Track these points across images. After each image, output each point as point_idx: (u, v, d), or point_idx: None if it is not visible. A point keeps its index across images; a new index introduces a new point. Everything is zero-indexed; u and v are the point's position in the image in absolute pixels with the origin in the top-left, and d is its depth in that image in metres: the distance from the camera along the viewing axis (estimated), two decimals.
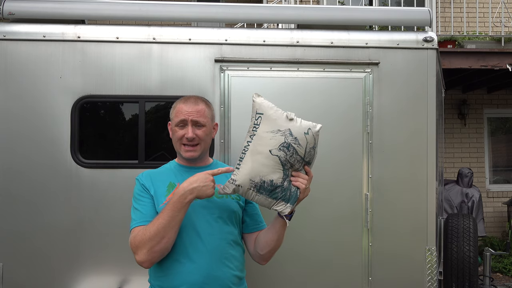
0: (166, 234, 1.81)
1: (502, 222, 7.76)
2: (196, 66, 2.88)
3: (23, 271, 2.75)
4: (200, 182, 1.84)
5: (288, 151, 1.85)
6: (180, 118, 2.01)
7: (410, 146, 2.95)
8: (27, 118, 2.78)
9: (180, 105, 2.05)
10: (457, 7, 7.54)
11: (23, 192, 2.76)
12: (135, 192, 2.01)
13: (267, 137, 1.86)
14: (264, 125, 1.88)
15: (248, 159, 1.87)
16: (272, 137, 1.86)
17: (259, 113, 1.91)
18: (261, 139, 1.87)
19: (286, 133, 1.86)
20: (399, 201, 2.93)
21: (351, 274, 2.89)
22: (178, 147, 2.04)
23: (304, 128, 1.89)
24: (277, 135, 1.86)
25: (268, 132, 1.87)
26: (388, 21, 3.36)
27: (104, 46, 2.85)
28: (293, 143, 1.85)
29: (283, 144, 1.85)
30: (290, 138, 1.86)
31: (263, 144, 1.86)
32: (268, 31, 3.04)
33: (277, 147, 1.85)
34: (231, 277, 1.96)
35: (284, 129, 1.87)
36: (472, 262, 3.45)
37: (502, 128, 8.28)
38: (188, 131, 2.00)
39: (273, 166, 1.85)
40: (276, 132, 1.86)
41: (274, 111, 1.91)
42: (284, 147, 1.85)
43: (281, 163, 1.86)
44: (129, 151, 2.88)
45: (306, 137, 1.88)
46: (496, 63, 6.07)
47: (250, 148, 1.88)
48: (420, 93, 2.97)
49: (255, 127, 1.89)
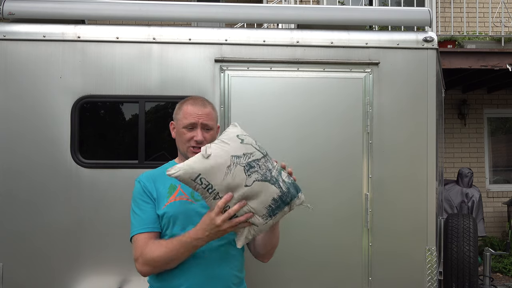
0: (172, 262, 1.83)
1: (502, 222, 7.75)
2: (196, 66, 2.88)
3: (23, 271, 2.75)
4: (211, 230, 1.77)
5: (254, 168, 1.76)
6: (190, 121, 1.98)
7: (410, 146, 2.95)
8: (27, 118, 2.78)
9: (188, 107, 2.00)
10: (457, 7, 7.54)
11: (23, 192, 2.76)
12: (136, 195, 1.97)
13: (232, 181, 1.73)
14: (215, 179, 1.73)
15: (246, 208, 1.77)
16: (233, 176, 1.73)
17: (200, 179, 1.74)
18: (231, 188, 1.74)
19: (235, 161, 1.75)
20: (399, 201, 2.93)
21: (351, 274, 2.89)
22: (185, 149, 2.00)
23: (232, 140, 1.82)
24: (233, 170, 1.74)
25: (226, 178, 1.73)
26: (388, 21, 3.36)
27: (104, 46, 2.85)
28: (248, 159, 1.77)
29: (243, 170, 1.75)
30: (240, 160, 1.76)
31: (237, 188, 1.74)
32: (268, 31, 3.04)
33: (245, 175, 1.74)
34: (232, 277, 1.95)
35: (230, 161, 1.75)
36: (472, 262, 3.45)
37: (502, 128, 8.28)
38: (197, 134, 1.97)
39: (260, 189, 1.76)
40: (228, 169, 1.74)
41: (210, 167, 1.75)
42: (248, 169, 1.76)
43: (263, 179, 1.77)
44: (129, 151, 2.88)
45: (245, 143, 1.81)
46: (496, 63, 6.07)
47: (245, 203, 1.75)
48: (420, 93, 2.97)
49: (212, 191, 1.74)
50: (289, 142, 2.89)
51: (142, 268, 1.86)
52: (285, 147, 2.89)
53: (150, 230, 1.88)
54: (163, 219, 1.91)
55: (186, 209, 1.92)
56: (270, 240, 2.01)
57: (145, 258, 1.84)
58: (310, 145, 2.90)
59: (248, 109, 2.88)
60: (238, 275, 2.00)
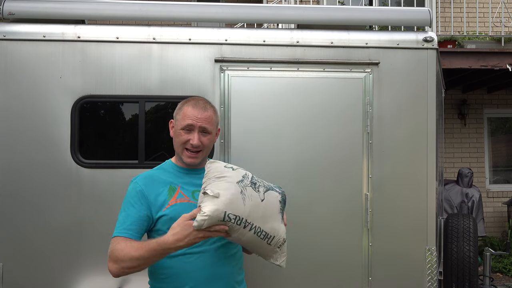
0: (138, 266, 1.79)
1: (502, 222, 7.75)
2: (196, 66, 2.87)
3: (23, 271, 2.75)
4: (185, 238, 1.71)
5: (256, 183, 1.83)
6: (188, 123, 1.95)
7: (410, 146, 2.95)
8: (27, 118, 2.78)
9: (189, 108, 1.97)
10: (457, 7, 7.54)
11: (23, 192, 2.76)
12: (129, 196, 1.94)
13: (252, 203, 1.76)
14: (238, 209, 1.73)
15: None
16: (250, 198, 1.76)
17: (228, 216, 1.72)
18: (254, 210, 1.76)
19: (242, 185, 1.78)
20: (399, 201, 2.93)
21: (351, 274, 2.89)
22: (180, 151, 1.99)
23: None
24: (246, 194, 1.77)
25: (246, 203, 1.75)
26: (388, 21, 3.36)
27: (104, 46, 2.85)
28: (248, 179, 1.81)
29: (252, 189, 1.79)
30: (245, 182, 1.80)
31: (258, 208, 1.78)
32: (268, 31, 3.04)
33: (256, 193, 1.80)
34: (234, 276, 1.95)
35: (239, 187, 1.77)
36: (472, 262, 3.45)
37: (502, 128, 8.28)
38: (194, 137, 1.94)
39: (270, 198, 1.84)
40: (243, 195, 1.76)
41: (229, 201, 1.74)
42: (255, 186, 1.81)
43: (267, 189, 1.87)
44: (129, 151, 2.88)
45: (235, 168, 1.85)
46: (496, 63, 6.07)
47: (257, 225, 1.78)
48: (420, 93, 2.97)
49: (241, 221, 1.74)
50: (289, 142, 2.89)
51: (111, 267, 1.83)
52: (284, 146, 2.89)
53: (127, 233, 1.86)
54: (162, 221, 1.89)
55: (186, 210, 1.86)
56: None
57: (114, 256, 1.81)
58: (310, 145, 2.90)
59: (248, 109, 2.88)
60: (239, 274, 2.00)
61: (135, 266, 1.79)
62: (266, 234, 1.78)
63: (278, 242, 1.83)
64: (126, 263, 1.79)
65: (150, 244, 1.76)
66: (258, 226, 1.76)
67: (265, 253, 1.86)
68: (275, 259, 1.86)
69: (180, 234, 1.69)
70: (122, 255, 1.79)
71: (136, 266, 1.79)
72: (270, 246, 1.82)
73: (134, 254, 1.77)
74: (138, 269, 1.81)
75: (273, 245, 1.82)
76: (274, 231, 1.81)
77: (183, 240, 1.69)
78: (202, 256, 1.88)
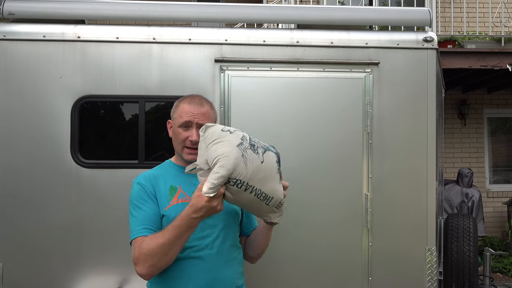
0: (169, 252, 1.75)
1: (502, 222, 7.75)
2: (196, 66, 2.87)
3: (23, 272, 2.75)
4: (200, 209, 1.71)
5: (255, 145, 1.81)
6: (185, 120, 1.95)
7: (410, 146, 2.95)
8: (27, 118, 2.78)
9: (185, 105, 1.97)
10: (457, 7, 7.54)
11: (23, 192, 2.76)
12: (134, 198, 1.90)
13: (253, 166, 1.75)
14: (241, 173, 1.73)
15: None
16: (251, 161, 1.75)
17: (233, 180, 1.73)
18: (255, 172, 1.75)
19: (242, 148, 1.77)
20: (399, 201, 2.93)
21: (351, 274, 2.89)
22: (180, 149, 1.98)
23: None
24: (247, 156, 1.75)
25: (248, 167, 1.74)
26: (388, 21, 3.36)
27: (104, 46, 2.85)
28: (247, 142, 1.80)
29: (252, 151, 1.78)
30: (244, 145, 1.78)
31: (259, 170, 1.77)
32: (268, 31, 3.04)
33: (256, 155, 1.78)
34: (234, 280, 1.94)
35: (240, 151, 1.76)
36: (472, 262, 3.45)
37: (502, 128, 8.28)
38: (193, 133, 1.93)
39: (268, 159, 1.82)
40: (244, 158, 1.74)
41: (232, 166, 1.73)
42: (254, 148, 1.80)
43: (266, 149, 1.85)
44: (129, 151, 2.88)
45: (233, 131, 1.83)
46: (496, 63, 6.07)
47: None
48: (420, 93, 2.97)
49: (242, 184, 1.73)
50: (289, 141, 2.89)
51: (142, 269, 1.78)
52: (284, 146, 2.88)
53: (148, 232, 1.82)
54: (163, 221, 1.87)
55: None
56: (263, 242, 2.03)
57: (143, 254, 1.76)
58: (310, 145, 2.90)
59: (248, 109, 2.88)
60: (239, 279, 1.98)
61: (167, 254, 1.74)
62: (265, 195, 1.78)
63: (276, 202, 1.83)
64: (156, 256, 1.75)
65: (174, 223, 1.74)
66: (259, 188, 1.76)
67: (261, 213, 1.86)
68: (271, 218, 1.87)
69: (195, 206, 1.70)
70: (150, 248, 1.75)
71: (167, 253, 1.74)
72: (268, 207, 1.82)
73: (162, 241, 1.73)
74: (169, 257, 1.76)
75: (271, 205, 1.82)
76: (273, 192, 1.81)
77: (201, 210, 1.69)
78: (203, 261, 1.86)
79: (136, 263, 1.79)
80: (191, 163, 1.85)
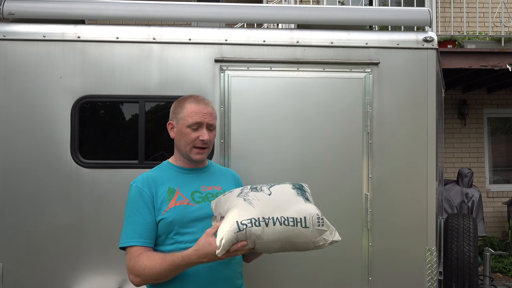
0: (163, 278, 1.79)
1: (502, 222, 7.75)
2: (196, 66, 2.88)
3: (23, 272, 2.75)
4: (207, 256, 1.71)
5: (257, 187, 1.81)
6: (196, 120, 1.93)
7: (410, 146, 2.95)
8: (27, 118, 2.78)
9: (192, 105, 1.95)
10: (457, 7, 7.54)
11: (23, 192, 2.76)
12: (130, 201, 1.90)
13: (260, 201, 1.72)
14: (249, 214, 1.67)
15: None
16: (257, 197, 1.74)
17: (241, 223, 1.66)
18: (265, 205, 1.70)
19: (243, 193, 1.78)
20: (399, 201, 2.93)
21: (351, 274, 2.89)
22: (188, 150, 1.95)
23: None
24: (249, 196, 1.74)
25: (254, 204, 1.70)
26: (388, 21, 3.36)
27: (104, 46, 2.85)
28: (248, 189, 1.80)
29: (254, 191, 1.77)
30: (244, 191, 1.79)
31: (268, 203, 1.71)
32: (268, 31, 3.04)
33: (259, 192, 1.77)
34: (234, 279, 1.94)
35: (240, 197, 1.75)
36: (472, 262, 3.45)
37: (502, 128, 8.28)
38: (204, 133, 1.93)
39: (279, 191, 1.81)
40: (247, 201, 1.72)
41: (238, 210, 1.70)
42: (255, 189, 1.79)
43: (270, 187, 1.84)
44: (129, 151, 2.88)
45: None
46: (496, 63, 6.07)
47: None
48: (420, 93, 2.97)
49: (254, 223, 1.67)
50: (289, 141, 2.89)
51: (134, 280, 1.82)
52: (284, 146, 2.89)
53: (142, 244, 1.84)
54: (161, 224, 1.87)
55: (185, 213, 1.88)
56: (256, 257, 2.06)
57: (137, 271, 1.79)
58: (310, 145, 2.90)
59: (248, 108, 2.88)
60: (239, 278, 1.99)
61: (160, 279, 1.80)
62: (294, 218, 1.64)
63: (314, 220, 1.66)
64: (150, 277, 1.79)
65: (174, 259, 1.75)
66: (280, 216, 1.64)
67: (310, 240, 1.69)
68: (326, 238, 1.71)
69: (201, 252, 1.69)
70: (146, 271, 1.78)
71: (160, 279, 1.80)
72: (308, 229, 1.66)
73: (158, 270, 1.77)
74: (162, 280, 1.81)
75: (310, 226, 1.66)
76: (301, 212, 1.67)
77: (206, 257, 1.69)
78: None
79: (130, 272, 1.83)
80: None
